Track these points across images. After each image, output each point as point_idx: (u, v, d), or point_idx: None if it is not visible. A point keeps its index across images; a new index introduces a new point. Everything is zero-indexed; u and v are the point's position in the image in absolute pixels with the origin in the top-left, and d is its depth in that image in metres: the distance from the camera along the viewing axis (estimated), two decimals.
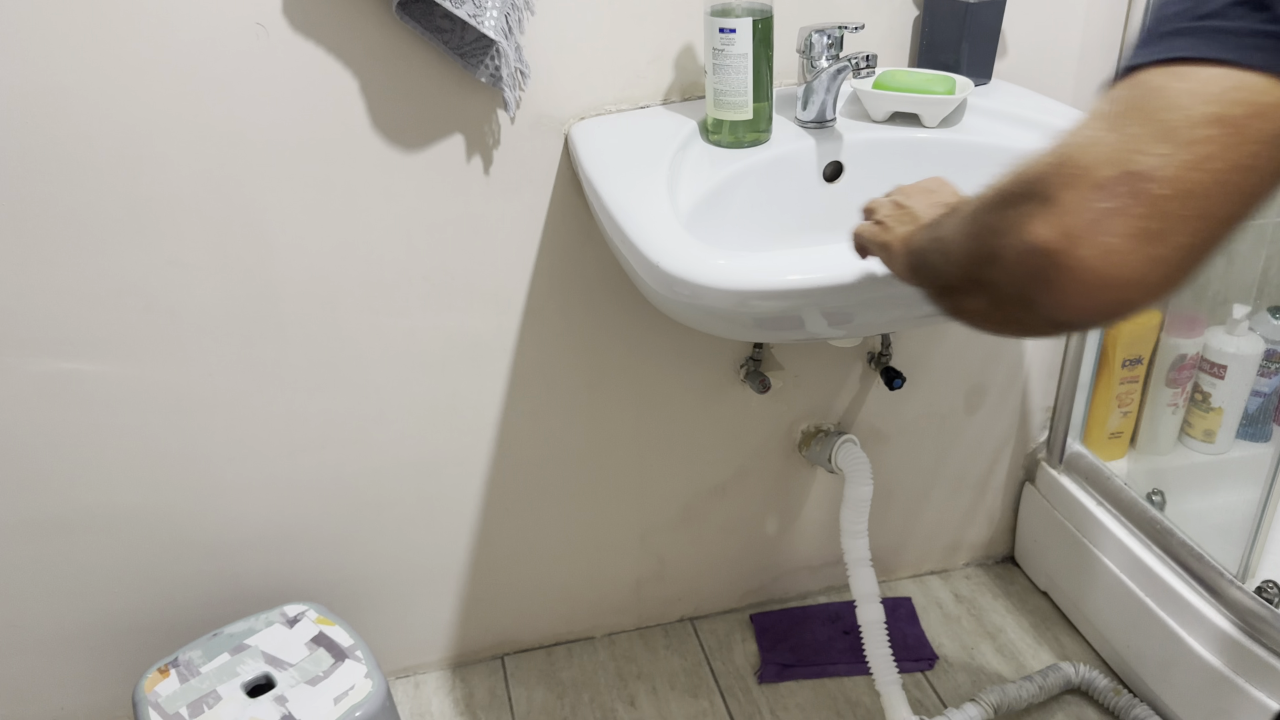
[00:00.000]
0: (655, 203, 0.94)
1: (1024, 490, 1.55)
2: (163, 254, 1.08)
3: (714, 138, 1.06)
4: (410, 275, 1.16)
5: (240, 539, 1.27)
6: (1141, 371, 1.44)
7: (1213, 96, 0.45)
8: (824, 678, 1.42)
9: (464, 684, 1.44)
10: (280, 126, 1.05)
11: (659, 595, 1.49)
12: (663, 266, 0.86)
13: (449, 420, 1.27)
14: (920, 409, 1.43)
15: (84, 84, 0.98)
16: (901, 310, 0.93)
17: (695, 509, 1.43)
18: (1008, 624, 1.49)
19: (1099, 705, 1.35)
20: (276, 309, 1.14)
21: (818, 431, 1.39)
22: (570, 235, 1.18)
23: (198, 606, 1.30)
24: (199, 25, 0.98)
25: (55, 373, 1.12)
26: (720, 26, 1.00)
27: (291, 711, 1.05)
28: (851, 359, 1.36)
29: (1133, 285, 0.46)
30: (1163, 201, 0.45)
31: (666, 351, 1.29)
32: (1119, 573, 1.34)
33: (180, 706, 1.07)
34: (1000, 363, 1.42)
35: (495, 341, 1.23)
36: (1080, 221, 0.46)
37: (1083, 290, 0.47)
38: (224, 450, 1.21)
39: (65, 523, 1.20)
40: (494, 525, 1.36)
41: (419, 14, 1.00)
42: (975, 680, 1.40)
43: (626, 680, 1.43)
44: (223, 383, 1.17)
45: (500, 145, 1.11)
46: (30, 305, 1.08)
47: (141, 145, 1.02)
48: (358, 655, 1.12)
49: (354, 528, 1.31)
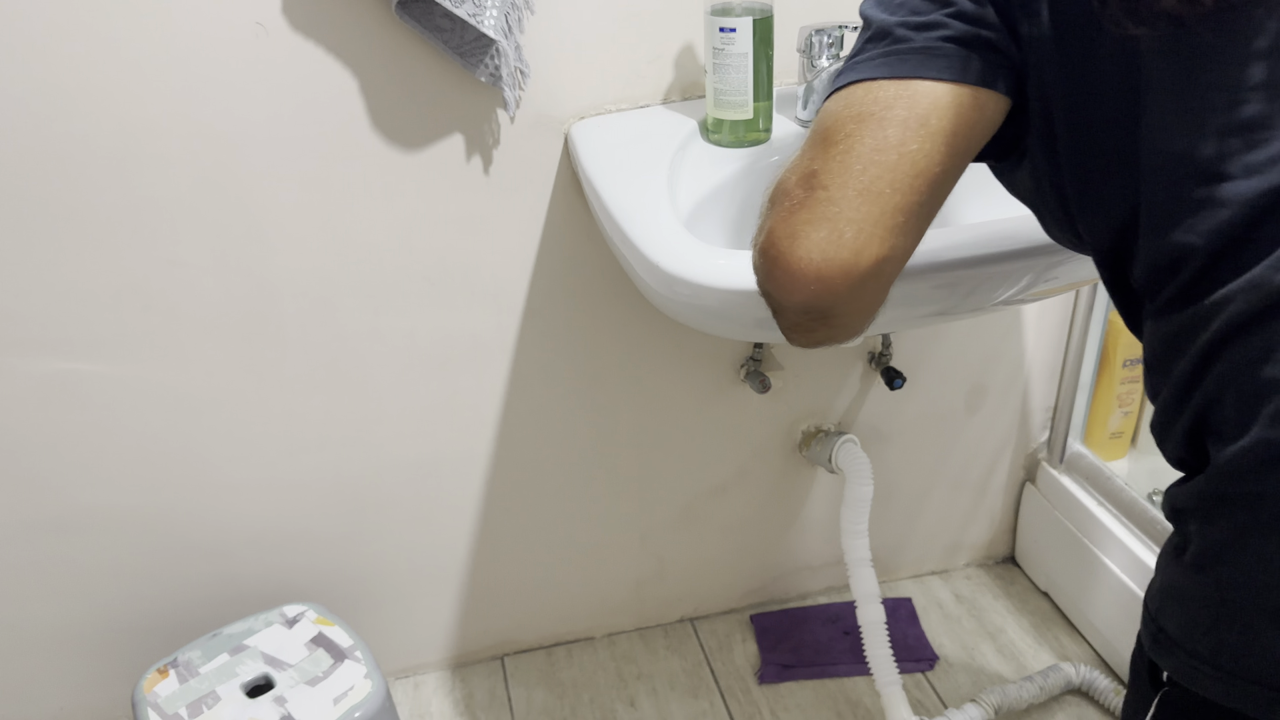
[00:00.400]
0: (655, 202, 0.94)
1: (1025, 490, 1.55)
2: (162, 254, 1.08)
3: (714, 137, 1.06)
4: (410, 275, 1.16)
5: (240, 539, 1.27)
6: (1142, 371, 1.43)
7: (854, 103, 0.61)
8: (824, 678, 1.42)
9: (464, 684, 1.44)
10: (280, 126, 1.05)
11: (659, 595, 1.49)
12: (663, 266, 0.86)
13: (449, 420, 1.27)
14: (920, 409, 1.42)
15: (84, 84, 0.98)
16: (901, 310, 0.93)
17: (695, 509, 1.43)
18: (1008, 624, 1.49)
19: (1100, 706, 1.35)
20: (276, 309, 1.14)
21: (818, 431, 1.38)
22: (570, 235, 1.18)
23: (197, 607, 1.30)
24: (199, 25, 0.98)
25: (55, 373, 1.12)
26: (720, 26, 1.00)
27: (291, 712, 1.05)
28: (852, 359, 1.36)
29: (826, 261, 0.58)
30: (828, 190, 0.58)
31: (666, 351, 1.29)
32: (1120, 573, 1.34)
33: (179, 707, 1.07)
34: (1001, 363, 1.42)
35: (495, 341, 1.23)
36: (778, 223, 0.60)
37: (789, 274, 0.59)
38: (224, 450, 1.21)
39: (65, 523, 1.20)
40: (494, 525, 1.36)
41: (419, 13, 1.00)
42: (976, 681, 1.40)
43: (626, 681, 1.43)
44: (223, 383, 1.17)
45: (500, 145, 1.11)
46: (30, 305, 1.08)
47: (141, 145, 1.02)
48: (357, 656, 1.12)
49: (354, 528, 1.31)
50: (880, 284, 0.61)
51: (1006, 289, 0.91)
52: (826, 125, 0.61)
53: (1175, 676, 0.60)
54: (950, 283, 0.87)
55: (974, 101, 0.60)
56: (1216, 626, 0.57)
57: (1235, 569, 0.56)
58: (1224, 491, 0.56)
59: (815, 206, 0.58)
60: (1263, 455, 0.53)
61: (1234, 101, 0.55)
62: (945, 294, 0.90)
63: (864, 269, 0.58)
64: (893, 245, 0.59)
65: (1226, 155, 0.55)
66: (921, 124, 0.59)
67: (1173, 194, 0.57)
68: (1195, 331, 0.57)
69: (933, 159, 0.59)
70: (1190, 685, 0.59)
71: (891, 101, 0.59)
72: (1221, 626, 0.56)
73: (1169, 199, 0.58)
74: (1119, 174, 0.60)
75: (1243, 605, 0.55)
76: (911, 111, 0.59)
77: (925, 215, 0.61)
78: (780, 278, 0.60)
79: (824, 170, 0.59)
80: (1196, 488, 0.58)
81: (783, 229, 0.59)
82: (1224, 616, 0.56)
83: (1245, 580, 0.55)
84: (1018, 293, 0.93)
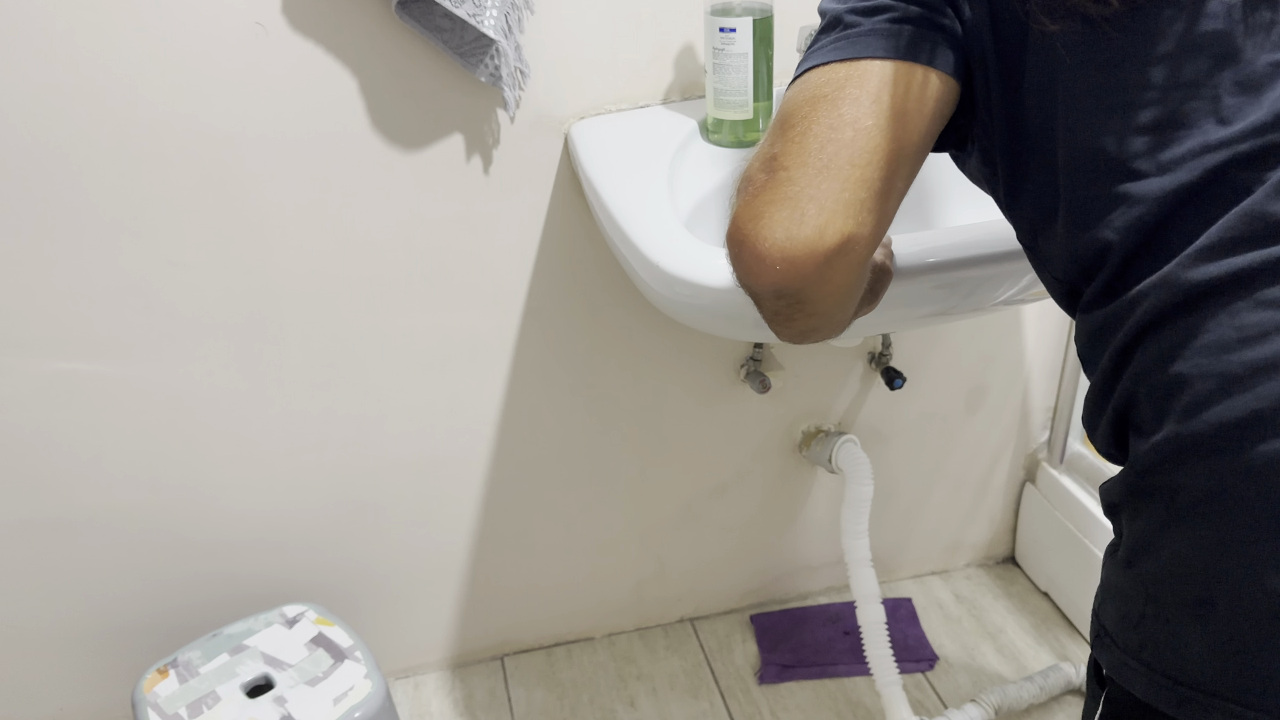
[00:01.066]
0: (655, 202, 0.94)
1: (1025, 490, 1.55)
2: (162, 254, 1.08)
3: (714, 137, 1.06)
4: (410, 275, 1.16)
5: (239, 539, 1.27)
6: None
7: (808, 88, 0.62)
8: (824, 678, 1.41)
9: (464, 684, 1.44)
10: (280, 126, 1.05)
11: (659, 596, 1.49)
12: (663, 266, 0.86)
13: (448, 420, 1.27)
14: (921, 409, 1.42)
15: (84, 83, 0.98)
16: (901, 310, 0.93)
17: (695, 509, 1.42)
18: (1008, 624, 1.49)
19: None
20: (276, 309, 1.14)
21: (818, 431, 1.38)
22: (570, 235, 1.18)
23: (197, 607, 1.30)
24: (199, 24, 0.98)
25: (55, 373, 1.12)
26: (720, 26, 1.00)
27: (291, 712, 1.05)
28: (852, 359, 1.36)
29: (790, 240, 0.58)
30: (788, 170, 0.59)
31: (666, 351, 1.29)
32: None
33: (179, 707, 1.07)
34: (1001, 363, 1.42)
35: (495, 341, 1.23)
36: (742, 207, 0.61)
37: (756, 257, 0.60)
38: (224, 450, 1.21)
39: (65, 523, 1.20)
40: (494, 525, 1.36)
41: (419, 13, 1.00)
42: (976, 681, 1.40)
43: (626, 681, 1.43)
44: (223, 383, 1.17)
45: (500, 145, 1.11)
46: (30, 305, 1.08)
47: (141, 145, 1.02)
48: (357, 656, 1.12)
49: (354, 528, 1.31)
50: (849, 264, 0.61)
51: (1006, 289, 0.91)
52: (785, 112, 0.63)
53: (1110, 672, 0.61)
54: (950, 283, 0.87)
55: (922, 79, 0.62)
56: (1143, 622, 0.57)
57: (1156, 562, 0.56)
58: (1143, 485, 0.57)
59: (777, 188, 0.59)
60: (1175, 448, 0.54)
61: (1147, 100, 0.56)
62: (945, 294, 0.90)
63: (829, 246, 0.59)
64: (857, 222, 0.59)
65: (1139, 153, 0.56)
66: (874, 100, 0.60)
67: (1089, 190, 0.59)
68: (1114, 327, 0.58)
69: (887, 134, 0.60)
70: (1121, 681, 0.59)
71: (843, 82, 0.61)
72: (1147, 621, 0.57)
73: (1086, 195, 0.59)
74: (1042, 168, 0.62)
75: (1163, 600, 0.56)
76: (863, 89, 0.60)
77: (889, 194, 0.61)
78: (748, 260, 0.60)
79: (783, 153, 0.60)
80: (1122, 481, 0.59)
81: (746, 212, 0.60)
82: (1149, 612, 0.57)
83: (1165, 574, 0.56)
84: (1018, 293, 0.93)
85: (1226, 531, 0.52)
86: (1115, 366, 0.59)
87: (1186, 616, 0.54)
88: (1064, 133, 0.60)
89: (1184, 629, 0.55)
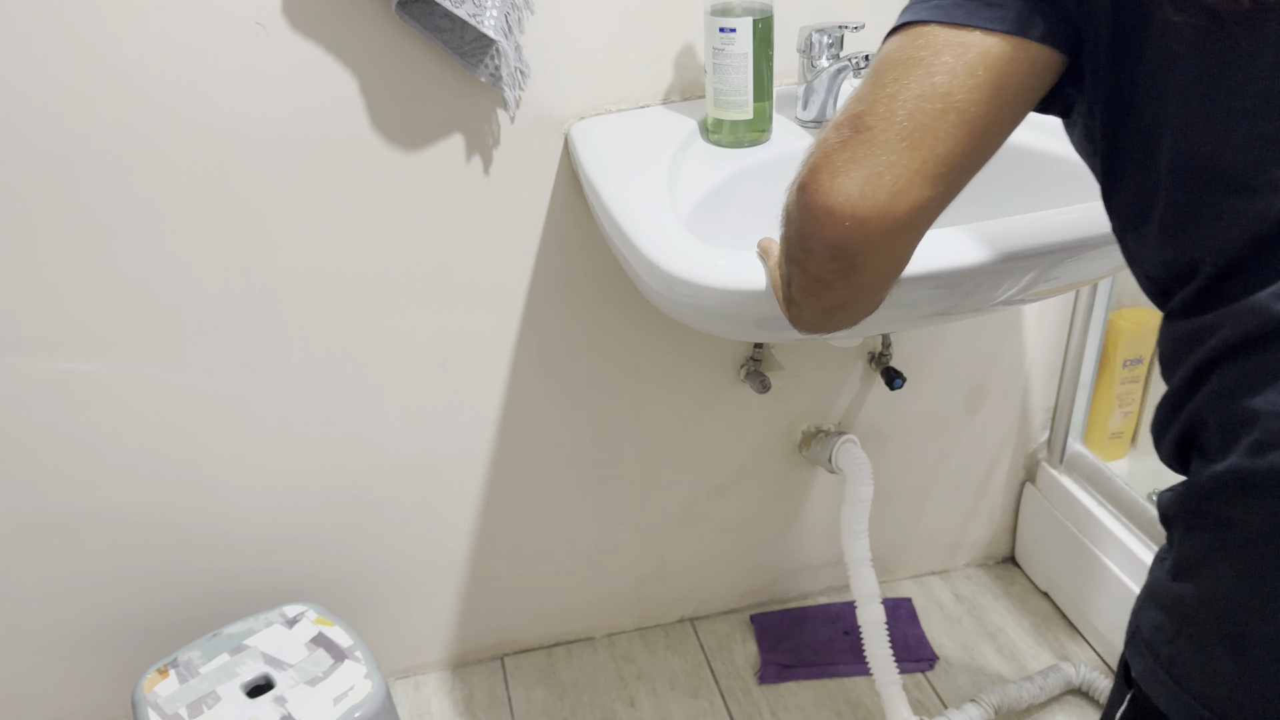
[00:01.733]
0: (655, 203, 0.94)
1: (1024, 490, 1.55)
2: (162, 254, 1.08)
3: (714, 137, 1.06)
4: (410, 275, 1.16)
5: (240, 539, 1.27)
6: (1142, 371, 1.43)
7: (904, 46, 0.60)
8: (824, 678, 1.42)
9: (464, 684, 1.44)
10: (280, 126, 1.05)
11: (659, 595, 1.49)
12: (663, 266, 0.86)
13: (449, 420, 1.27)
14: (920, 409, 1.42)
15: (84, 83, 0.98)
16: (901, 310, 0.93)
17: (695, 509, 1.43)
18: (1008, 624, 1.49)
19: (1100, 706, 1.35)
20: (276, 309, 1.14)
21: (818, 431, 1.38)
22: (570, 235, 1.18)
23: (197, 607, 1.30)
24: (199, 25, 0.98)
25: (55, 373, 1.12)
26: (720, 26, 1.00)
27: (291, 712, 1.05)
28: (852, 359, 1.36)
29: (863, 199, 0.58)
30: (871, 131, 0.58)
31: (666, 351, 1.29)
32: (1120, 573, 1.34)
33: (180, 707, 1.07)
34: (1001, 363, 1.42)
35: (495, 341, 1.23)
36: (821, 158, 0.60)
37: (826, 208, 0.59)
38: (224, 450, 1.21)
39: (65, 523, 1.20)
40: (494, 525, 1.36)
41: (419, 13, 1.00)
42: (976, 681, 1.40)
43: (626, 681, 1.43)
44: (223, 382, 1.17)
45: (500, 145, 1.11)
46: (30, 305, 1.08)
47: (141, 145, 1.02)
48: (357, 656, 1.12)
49: (354, 528, 1.31)
50: (913, 234, 0.61)
51: (1007, 289, 0.91)
52: (879, 66, 0.61)
53: (1138, 678, 0.60)
54: (950, 283, 0.87)
55: (1026, 55, 0.59)
56: (1178, 637, 0.56)
57: (1200, 587, 0.55)
58: (1199, 509, 0.56)
59: (858, 146, 0.59)
60: (1238, 482, 0.52)
61: (1269, 111, 0.52)
62: (945, 294, 0.90)
63: (899, 214, 0.58)
64: (931, 195, 0.59)
65: (1252, 165, 0.53)
66: (969, 74, 0.58)
67: (1193, 197, 0.56)
68: (1195, 344, 0.56)
69: (979, 110, 0.58)
70: (1147, 689, 0.58)
71: (941, 48, 0.58)
72: (1182, 638, 0.56)
73: (1188, 202, 0.56)
74: (1144, 166, 0.59)
75: (1200, 623, 0.55)
76: (960, 60, 0.58)
77: (969, 166, 0.60)
78: (817, 211, 0.60)
79: (870, 112, 0.59)
80: (1178, 498, 0.58)
81: (824, 164, 0.60)
82: (1185, 630, 0.56)
83: (1206, 600, 0.55)
84: (1018, 292, 0.93)
85: (1273, 572, 0.51)
86: (1190, 385, 0.57)
87: (1220, 646, 0.54)
88: (1172, 133, 0.56)
89: (1216, 657, 0.54)
